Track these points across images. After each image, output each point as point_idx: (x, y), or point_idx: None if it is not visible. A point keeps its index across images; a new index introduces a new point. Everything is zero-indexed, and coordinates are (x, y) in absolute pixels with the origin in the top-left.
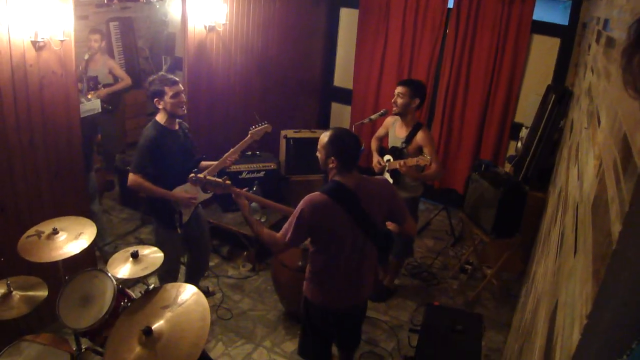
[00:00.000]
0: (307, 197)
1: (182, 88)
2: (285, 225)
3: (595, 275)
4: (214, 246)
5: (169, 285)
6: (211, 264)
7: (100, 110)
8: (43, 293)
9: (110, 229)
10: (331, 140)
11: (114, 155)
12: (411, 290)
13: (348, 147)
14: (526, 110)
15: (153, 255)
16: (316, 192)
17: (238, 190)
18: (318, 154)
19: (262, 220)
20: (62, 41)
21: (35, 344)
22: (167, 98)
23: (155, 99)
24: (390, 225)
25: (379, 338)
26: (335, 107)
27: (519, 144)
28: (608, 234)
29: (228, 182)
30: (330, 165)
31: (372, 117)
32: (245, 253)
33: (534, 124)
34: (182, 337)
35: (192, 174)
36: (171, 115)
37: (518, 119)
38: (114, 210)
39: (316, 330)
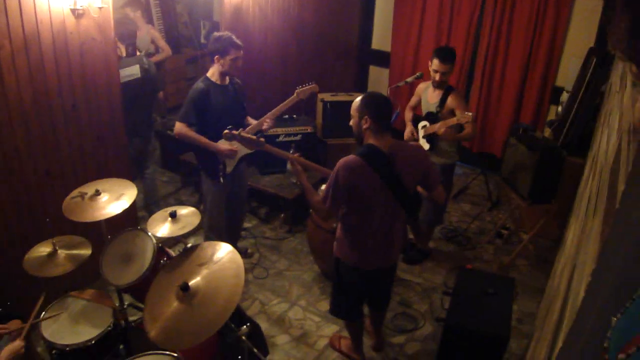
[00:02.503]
0: (341, 160)
1: (242, 53)
2: (324, 191)
3: (601, 235)
4: (252, 208)
5: (206, 244)
6: (249, 225)
7: (139, 75)
8: (87, 251)
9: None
10: (363, 100)
11: (153, 120)
12: (446, 254)
13: (380, 105)
14: (567, 74)
15: (191, 215)
16: (350, 155)
17: (271, 147)
18: (351, 121)
19: (299, 182)
20: (100, 8)
21: (80, 299)
22: (228, 58)
23: (216, 56)
24: (420, 190)
25: (413, 300)
26: (373, 70)
27: (560, 109)
28: (615, 195)
29: (262, 139)
30: (365, 126)
31: (408, 79)
32: (282, 215)
33: (575, 88)
34: (218, 293)
35: (227, 130)
36: (223, 73)
37: (559, 82)
38: (155, 173)
39: (347, 289)
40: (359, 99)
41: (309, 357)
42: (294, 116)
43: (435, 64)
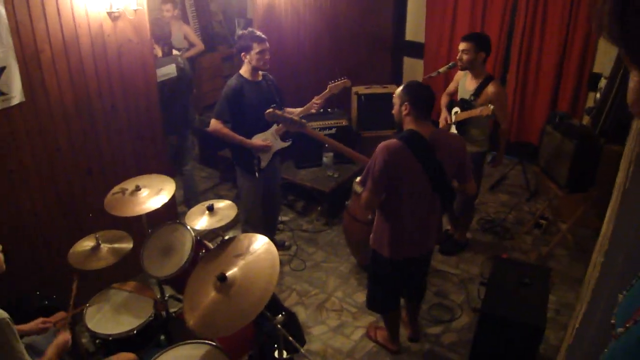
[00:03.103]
0: (382, 144)
1: (268, 45)
2: (363, 176)
3: (614, 217)
4: (289, 201)
5: (242, 236)
6: (286, 218)
7: (175, 74)
8: (128, 245)
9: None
10: (404, 88)
11: (194, 119)
12: (483, 244)
13: (420, 93)
14: (605, 60)
15: (228, 208)
16: (391, 139)
17: (312, 129)
18: (393, 109)
19: (335, 175)
20: (135, 10)
21: (122, 291)
22: (253, 53)
23: (242, 53)
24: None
25: (449, 290)
26: (408, 61)
27: (598, 95)
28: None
29: (304, 121)
30: (404, 113)
31: (441, 70)
32: (319, 208)
33: (612, 74)
34: (254, 283)
35: (270, 109)
36: (254, 69)
37: (597, 69)
38: (194, 169)
39: (383, 281)
40: (401, 86)
41: (345, 348)
42: (329, 110)
43: (459, 45)
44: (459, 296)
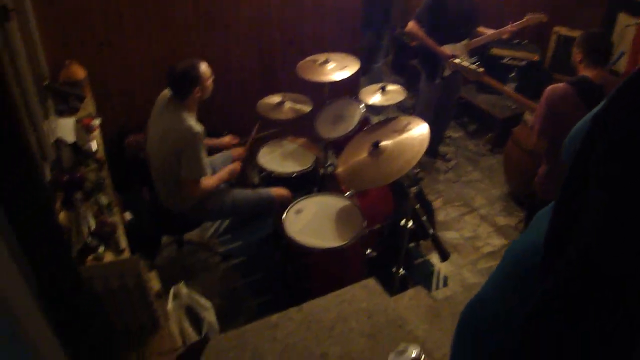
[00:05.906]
0: (549, 87)
1: None
2: (534, 119)
3: None
4: (463, 122)
5: (404, 117)
6: (456, 135)
7: None
8: (307, 107)
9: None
10: (581, 34)
11: (395, 27)
12: None
13: (592, 39)
14: None
15: (397, 91)
16: (561, 83)
17: (490, 79)
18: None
19: (513, 107)
20: None
21: (293, 143)
22: None
23: None
24: None
25: None
26: (622, 17)
27: None
28: None
29: (482, 70)
30: (577, 59)
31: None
32: (489, 135)
33: None
34: (400, 156)
35: (451, 59)
36: None
37: None
38: (382, 69)
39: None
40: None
41: (469, 257)
42: (525, 42)
43: None
44: None
